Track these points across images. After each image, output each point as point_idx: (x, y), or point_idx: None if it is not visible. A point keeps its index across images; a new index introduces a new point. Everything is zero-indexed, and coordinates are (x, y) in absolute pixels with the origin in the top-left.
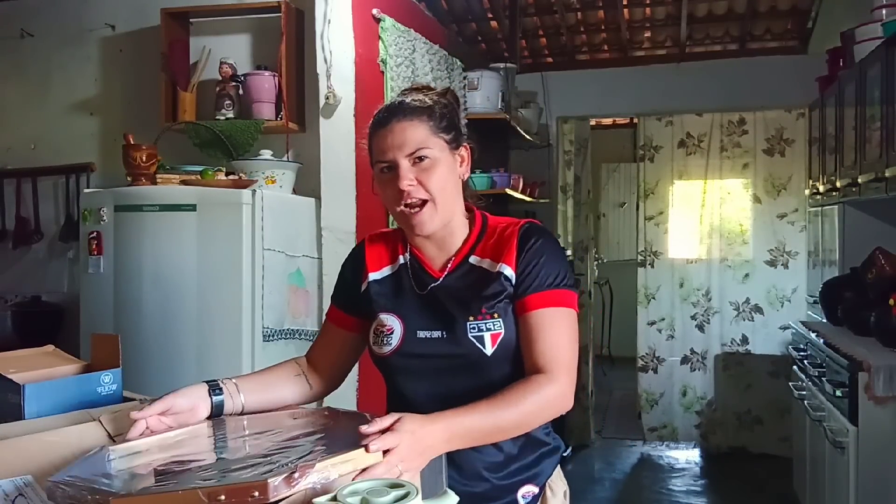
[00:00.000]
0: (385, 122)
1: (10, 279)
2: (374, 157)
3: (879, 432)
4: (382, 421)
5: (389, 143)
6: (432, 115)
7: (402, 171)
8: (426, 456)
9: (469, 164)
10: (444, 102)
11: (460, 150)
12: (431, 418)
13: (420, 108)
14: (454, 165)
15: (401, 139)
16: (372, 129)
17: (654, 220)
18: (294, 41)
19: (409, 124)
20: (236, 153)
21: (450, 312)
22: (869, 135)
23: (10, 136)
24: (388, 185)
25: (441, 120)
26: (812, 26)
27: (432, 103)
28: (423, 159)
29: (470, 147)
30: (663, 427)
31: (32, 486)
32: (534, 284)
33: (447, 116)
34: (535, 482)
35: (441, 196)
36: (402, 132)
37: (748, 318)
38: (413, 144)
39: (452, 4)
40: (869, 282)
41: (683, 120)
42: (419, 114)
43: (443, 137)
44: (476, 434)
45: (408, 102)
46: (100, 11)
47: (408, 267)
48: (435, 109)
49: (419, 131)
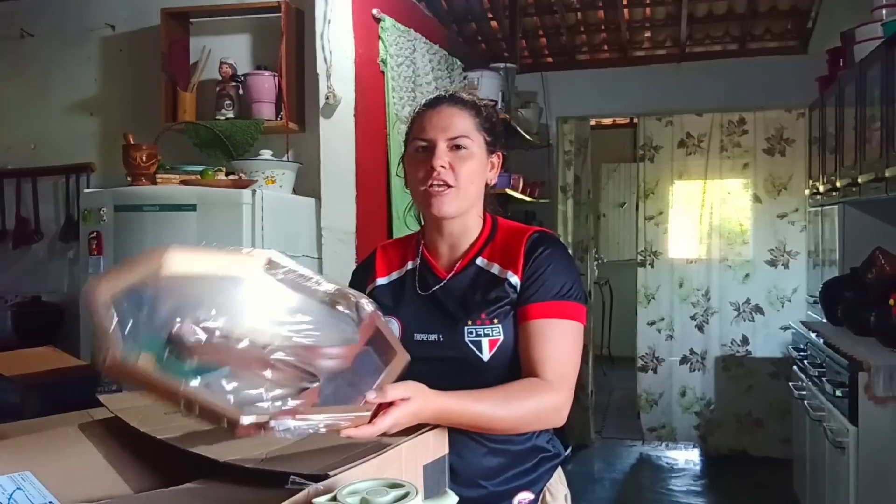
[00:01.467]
0: (435, 104)
1: (10, 279)
2: (412, 136)
3: (879, 432)
4: (391, 392)
5: (435, 123)
6: (479, 113)
7: (438, 152)
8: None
9: (498, 171)
10: (490, 108)
11: (493, 155)
12: (434, 395)
13: (471, 102)
14: (486, 166)
15: (447, 122)
16: (419, 110)
17: (654, 220)
18: (294, 41)
19: (457, 111)
20: (236, 153)
21: (449, 315)
22: (869, 135)
23: (10, 136)
24: (420, 164)
25: (486, 121)
26: (812, 26)
27: (481, 104)
28: (461, 148)
29: (504, 156)
30: (662, 427)
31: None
32: (538, 293)
33: (491, 120)
34: (531, 489)
35: (467, 187)
36: (450, 116)
37: (748, 318)
38: (456, 130)
39: (452, 4)
40: (869, 282)
41: (683, 120)
42: (469, 107)
43: (484, 136)
44: (466, 423)
45: (461, 94)
46: (100, 11)
47: (415, 271)
48: (483, 110)
49: (465, 121)
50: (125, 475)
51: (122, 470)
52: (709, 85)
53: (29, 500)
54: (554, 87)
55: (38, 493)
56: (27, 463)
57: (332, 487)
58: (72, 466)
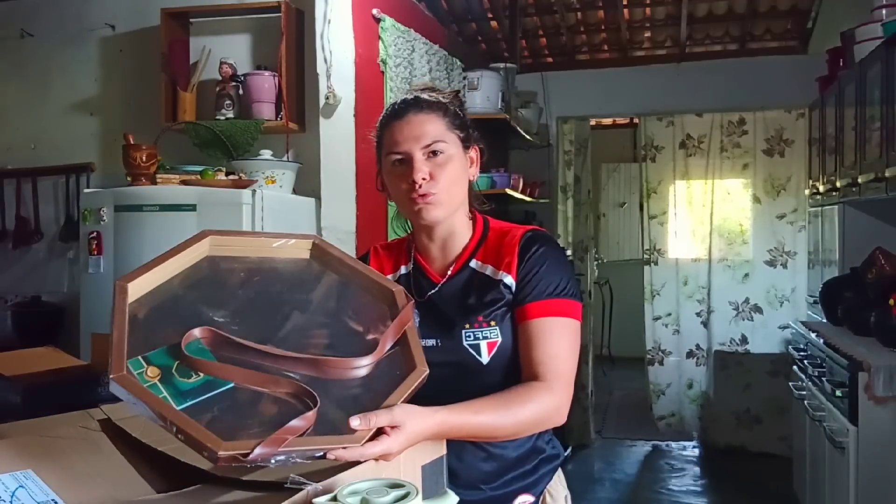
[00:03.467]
0: (401, 113)
1: (10, 279)
2: (386, 149)
3: (879, 432)
4: (375, 419)
5: (406, 134)
6: (447, 111)
7: (416, 164)
8: (411, 446)
9: (479, 165)
10: (457, 102)
11: (471, 150)
12: (430, 415)
13: (436, 103)
14: (465, 164)
15: (418, 131)
16: (385, 121)
17: (658, 220)
18: (294, 41)
19: (426, 117)
20: (236, 153)
21: (446, 320)
22: (869, 135)
23: (10, 136)
24: (401, 178)
25: (455, 118)
26: (812, 26)
27: (447, 101)
28: (438, 154)
29: (480, 149)
30: (672, 415)
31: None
32: (534, 292)
33: (460, 116)
34: (531, 491)
35: (450, 191)
36: (420, 125)
37: (747, 317)
38: (429, 137)
39: (452, 4)
40: (869, 282)
41: (684, 121)
42: (436, 109)
43: (457, 134)
44: (467, 435)
45: (424, 97)
46: (100, 11)
47: (410, 277)
48: (449, 107)
49: (436, 125)
50: (126, 476)
51: (123, 471)
52: (709, 85)
53: (31, 497)
54: (554, 87)
55: (40, 490)
56: (28, 462)
57: (332, 487)
58: (72, 467)
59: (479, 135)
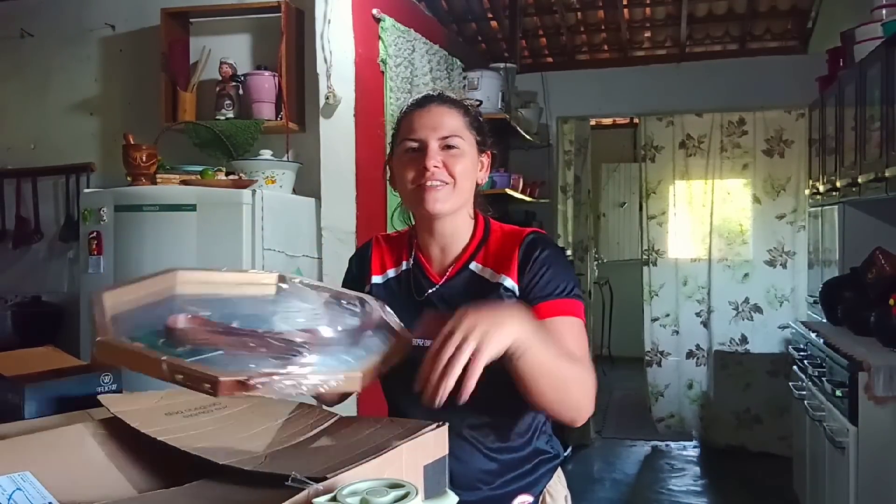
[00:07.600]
0: (423, 103)
1: (10, 279)
2: (402, 136)
3: (879, 432)
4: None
5: (425, 122)
6: (468, 112)
7: (430, 152)
8: (499, 324)
9: (488, 171)
10: (476, 108)
11: (484, 155)
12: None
13: (458, 101)
14: (477, 165)
15: (437, 121)
16: (406, 110)
17: (657, 220)
18: (294, 41)
19: (447, 110)
20: (236, 153)
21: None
22: (869, 135)
23: (10, 136)
24: (411, 164)
25: (474, 120)
26: (812, 26)
27: (469, 104)
28: (452, 147)
29: (493, 155)
30: (671, 416)
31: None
32: (543, 293)
33: (479, 120)
34: (530, 491)
35: (462, 183)
36: (440, 115)
37: (747, 317)
38: (448, 129)
39: (452, 4)
40: (869, 282)
41: (684, 120)
42: (457, 106)
43: (474, 135)
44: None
45: (449, 94)
46: (100, 11)
47: (410, 272)
48: (470, 109)
49: (456, 120)
50: (125, 476)
51: (123, 470)
52: (709, 85)
53: (28, 500)
54: (554, 87)
55: (37, 493)
56: (26, 463)
57: (332, 487)
58: (72, 467)
59: (493, 142)
